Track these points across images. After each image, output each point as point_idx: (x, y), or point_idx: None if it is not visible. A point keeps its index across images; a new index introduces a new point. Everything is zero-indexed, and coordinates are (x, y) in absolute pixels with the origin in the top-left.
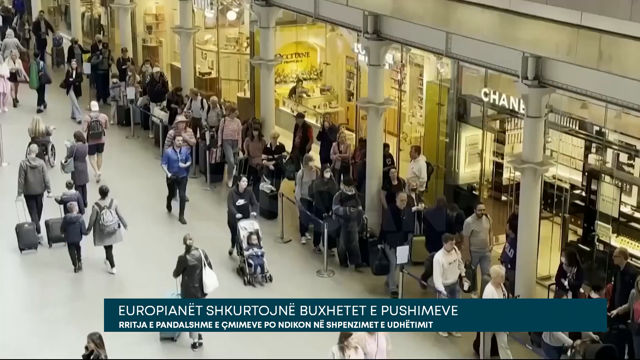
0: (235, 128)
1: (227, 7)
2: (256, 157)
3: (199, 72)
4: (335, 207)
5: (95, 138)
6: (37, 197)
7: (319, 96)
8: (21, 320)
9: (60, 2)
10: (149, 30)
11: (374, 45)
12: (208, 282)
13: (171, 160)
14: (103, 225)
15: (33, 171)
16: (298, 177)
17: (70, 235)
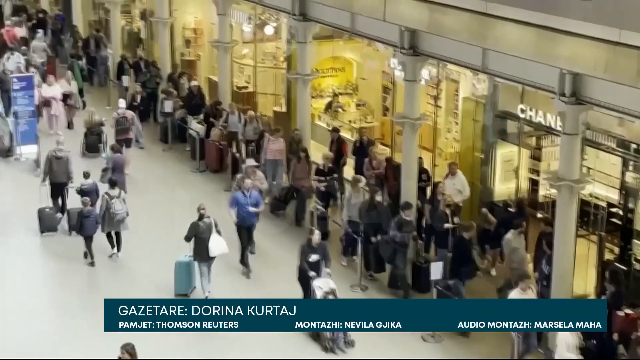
0: (279, 148)
1: (265, 22)
2: (302, 179)
3: (236, 86)
4: (393, 233)
5: (122, 133)
6: (61, 185)
7: (355, 111)
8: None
9: (100, 16)
10: (188, 44)
11: (410, 61)
12: (212, 246)
13: (240, 204)
14: (114, 214)
15: (58, 161)
16: (346, 199)
17: (86, 228)
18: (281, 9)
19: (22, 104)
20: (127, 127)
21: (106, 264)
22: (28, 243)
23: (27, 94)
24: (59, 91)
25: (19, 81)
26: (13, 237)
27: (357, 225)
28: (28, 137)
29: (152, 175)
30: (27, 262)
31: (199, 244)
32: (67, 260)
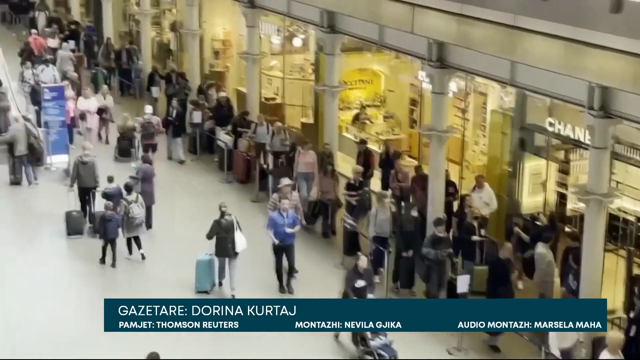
0: (310, 161)
1: (293, 34)
2: (328, 193)
3: (264, 97)
4: (426, 250)
5: (147, 138)
6: (88, 189)
7: (382, 123)
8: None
9: (130, 27)
10: (216, 56)
11: (438, 73)
12: (239, 243)
13: (277, 225)
14: (132, 218)
15: (84, 166)
16: (372, 215)
17: (108, 232)
18: (310, 21)
19: (52, 114)
20: (152, 132)
21: (131, 267)
22: (55, 245)
23: (57, 104)
24: (94, 104)
25: (50, 91)
26: (41, 239)
27: (384, 241)
28: (58, 146)
29: (180, 185)
30: (53, 263)
31: (221, 241)
32: (92, 262)
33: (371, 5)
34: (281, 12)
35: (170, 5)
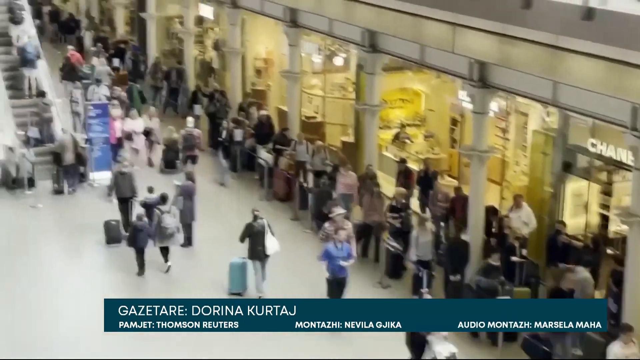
0: (350, 183)
1: (335, 53)
2: (373, 214)
3: (305, 115)
4: (478, 278)
5: (188, 149)
6: (127, 199)
7: (422, 142)
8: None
9: (174, 46)
10: (258, 74)
11: (479, 93)
12: (269, 246)
13: (331, 257)
14: (164, 228)
15: (123, 177)
16: (413, 237)
17: (139, 241)
18: (351, 41)
19: (96, 131)
20: (193, 144)
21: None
22: (93, 253)
23: (101, 121)
24: (140, 125)
25: (94, 108)
26: (81, 247)
27: (426, 264)
28: (101, 163)
29: (220, 203)
30: (89, 270)
31: (253, 244)
32: (128, 269)
33: (412, 24)
34: (323, 31)
35: (213, 24)
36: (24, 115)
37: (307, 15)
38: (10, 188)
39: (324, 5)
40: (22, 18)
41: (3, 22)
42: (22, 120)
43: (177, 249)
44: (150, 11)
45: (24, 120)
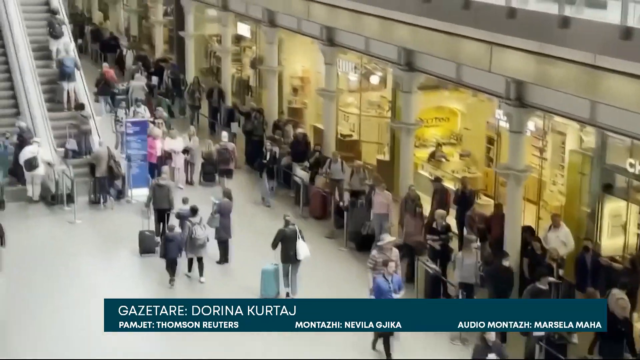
0: (385, 202)
1: (371, 72)
2: (414, 235)
3: (341, 133)
4: None
5: (223, 163)
6: (163, 211)
7: (458, 161)
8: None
9: (211, 64)
10: (295, 92)
11: (516, 112)
12: (301, 251)
13: (383, 292)
14: (195, 239)
15: (160, 189)
16: (458, 259)
17: (170, 251)
18: (387, 59)
19: (134, 148)
20: (228, 157)
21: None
22: (127, 262)
23: (139, 138)
24: (180, 144)
25: (132, 126)
26: (115, 257)
27: (470, 288)
28: (139, 180)
29: (256, 220)
30: (122, 279)
31: (285, 249)
32: (160, 278)
33: (449, 43)
34: (359, 49)
35: (250, 42)
36: (62, 127)
37: (344, 33)
38: (50, 204)
39: (360, 24)
40: (61, 32)
41: (43, 36)
42: (60, 133)
43: (213, 265)
44: (189, 30)
45: (62, 133)
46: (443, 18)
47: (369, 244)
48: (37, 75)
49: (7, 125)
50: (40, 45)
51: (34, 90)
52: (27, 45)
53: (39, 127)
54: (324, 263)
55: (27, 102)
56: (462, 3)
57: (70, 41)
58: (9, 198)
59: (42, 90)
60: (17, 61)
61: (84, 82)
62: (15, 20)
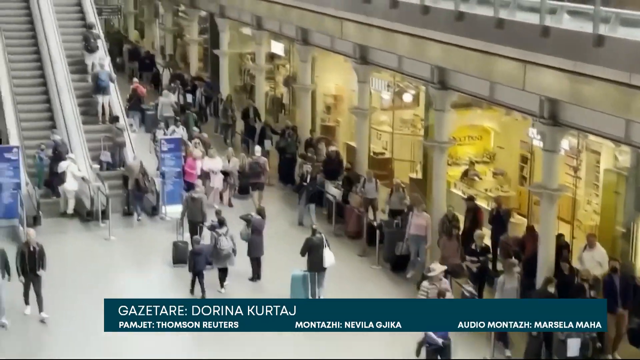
0: (423, 223)
1: (404, 90)
2: (451, 257)
3: (373, 151)
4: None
5: (254, 176)
6: (196, 223)
7: (491, 179)
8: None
9: (245, 82)
10: (328, 110)
11: (550, 131)
12: (327, 258)
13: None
14: (220, 250)
15: (194, 202)
16: (499, 283)
17: (196, 264)
18: (420, 77)
19: (169, 165)
20: (259, 171)
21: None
22: (160, 272)
23: (174, 155)
24: (219, 164)
25: (167, 143)
26: (147, 268)
27: None
28: (173, 197)
29: (289, 237)
30: (154, 288)
31: (312, 257)
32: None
33: (482, 61)
34: (392, 68)
35: (284, 60)
36: (96, 140)
37: (377, 52)
38: (85, 220)
39: (393, 42)
40: (96, 46)
41: (78, 50)
42: (94, 145)
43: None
44: (223, 48)
45: (96, 145)
46: (476, 36)
47: (404, 264)
48: (73, 89)
49: (43, 137)
50: (75, 60)
51: (70, 103)
52: (63, 59)
53: (74, 140)
54: (355, 280)
55: (62, 115)
56: (495, 21)
57: (105, 55)
58: (45, 211)
59: (77, 104)
60: (54, 75)
61: (118, 95)
62: (51, 34)
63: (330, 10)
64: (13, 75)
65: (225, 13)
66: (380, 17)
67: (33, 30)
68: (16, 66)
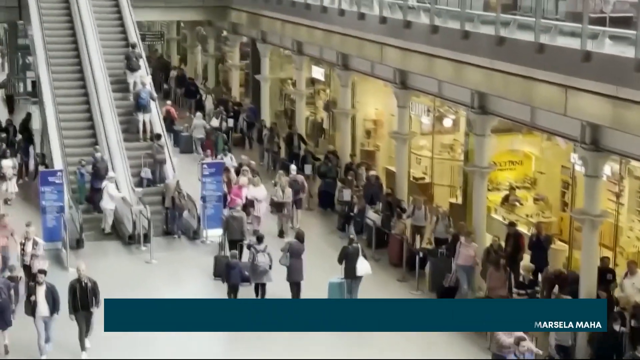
0: (471, 254)
1: (444, 114)
2: (498, 289)
3: (413, 176)
4: None
5: (294, 194)
6: (236, 242)
7: (532, 205)
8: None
9: (286, 107)
10: (368, 135)
11: (592, 156)
12: (359, 267)
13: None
14: (256, 265)
15: (234, 220)
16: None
17: (231, 278)
18: (460, 102)
19: (210, 189)
20: (298, 188)
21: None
22: (199, 285)
23: (215, 180)
24: (263, 192)
25: (208, 167)
26: (188, 280)
27: (566, 350)
28: (214, 220)
29: (327, 260)
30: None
31: (348, 265)
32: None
33: (523, 86)
34: (432, 92)
35: (324, 85)
36: (137, 157)
37: (417, 77)
38: (127, 243)
39: (433, 67)
40: (138, 65)
41: (120, 69)
42: (135, 162)
43: None
44: (265, 73)
45: (136, 162)
46: (517, 61)
47: (451, 296)
48: (115, 107)
49: (84, 154)
50: (118, 78)
51: (111, 121)
52: (105, 78)
53: (115, 157)
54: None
55: (104, 133)
56: (536, 46)
57: (147, 74)
58: (87, 228)
59: (119, 122)
60: (96, 93)
61: (159, 113)
62: (94, 54)
63: (370, 35)
64: (57, 94)
65: (267, 38)
66: (420, 42)
67: (77, 50)
68: (60, 85)
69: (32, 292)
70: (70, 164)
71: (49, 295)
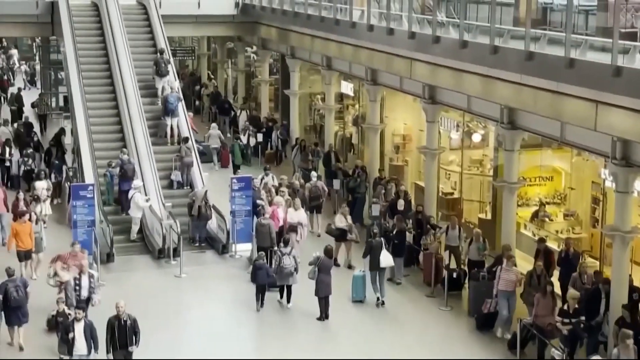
0: (513, 279)
1: (473, 130)
2: (545, 317)
3: (442, 191)
4: None
5: (314, 200)
6: (265, 249)
7: (562, 221)
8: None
9: (315, 122)
10: (396, 150)
11: (623, 172)
12: (383, 259)
13: None
14: (282, 268)
15: (262, 227)
16: (613, 355)
17: (259, 278)
18: (489, 117)
19: (239, 204)
20: (319, 194)
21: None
22: (228, 299)
23: (244, 194)
24: (304, 216)
25: (237, 182)
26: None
27: None
28: (243, 235)
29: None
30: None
31: (372, 257)
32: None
33: (552, 101)
34: (461, 107)
35: (353, 100)
36: (165, 160)
37: (446, 91)
38: (157, 258)
39: (462, 82)
40: (166, 71)
41: (149, 75)
42: (163, 166)
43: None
44: (294, 88)
45: (164, 166)
46: (546, 76)
47: (491, 322)
48: (143, 112)
49: (113, 157)
50: (146, 84)
51: (140, 125)
52: (134, 83)
53: (144, 161)
54: (421, 323)
55: (132, 136)
56: (566, 61)
57: (175, 79)
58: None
59: (147, 126)
60: (125, 98)
61: (187, 117)
62: (124, 59)
63: (399, 50)
64: (89, 107)
65: (296, 54)
66: (449, 57)
67: (108, 63)
68: (91, 97)
69: (69, 329)
70: (100, 166)
71: (87, 332)
